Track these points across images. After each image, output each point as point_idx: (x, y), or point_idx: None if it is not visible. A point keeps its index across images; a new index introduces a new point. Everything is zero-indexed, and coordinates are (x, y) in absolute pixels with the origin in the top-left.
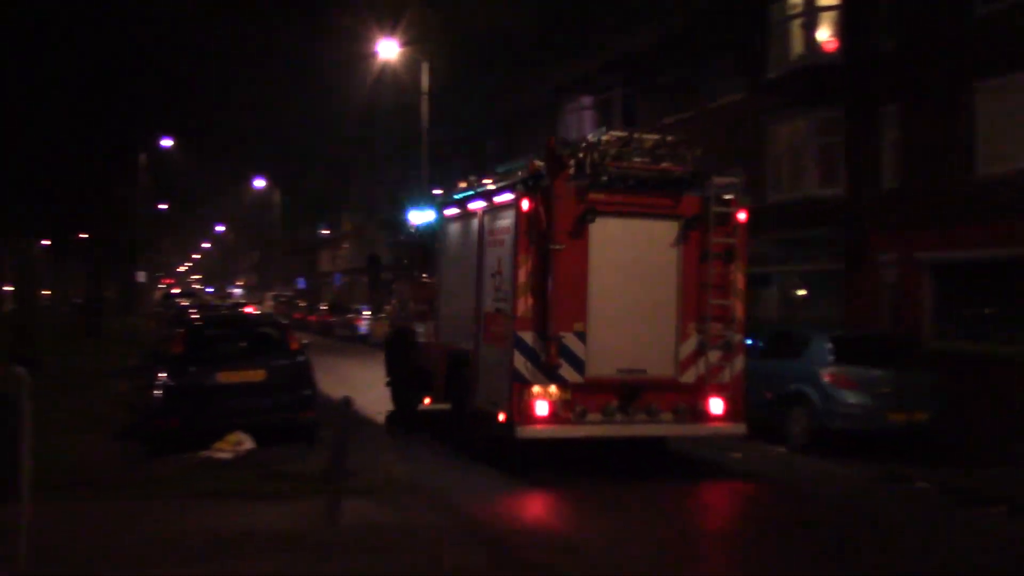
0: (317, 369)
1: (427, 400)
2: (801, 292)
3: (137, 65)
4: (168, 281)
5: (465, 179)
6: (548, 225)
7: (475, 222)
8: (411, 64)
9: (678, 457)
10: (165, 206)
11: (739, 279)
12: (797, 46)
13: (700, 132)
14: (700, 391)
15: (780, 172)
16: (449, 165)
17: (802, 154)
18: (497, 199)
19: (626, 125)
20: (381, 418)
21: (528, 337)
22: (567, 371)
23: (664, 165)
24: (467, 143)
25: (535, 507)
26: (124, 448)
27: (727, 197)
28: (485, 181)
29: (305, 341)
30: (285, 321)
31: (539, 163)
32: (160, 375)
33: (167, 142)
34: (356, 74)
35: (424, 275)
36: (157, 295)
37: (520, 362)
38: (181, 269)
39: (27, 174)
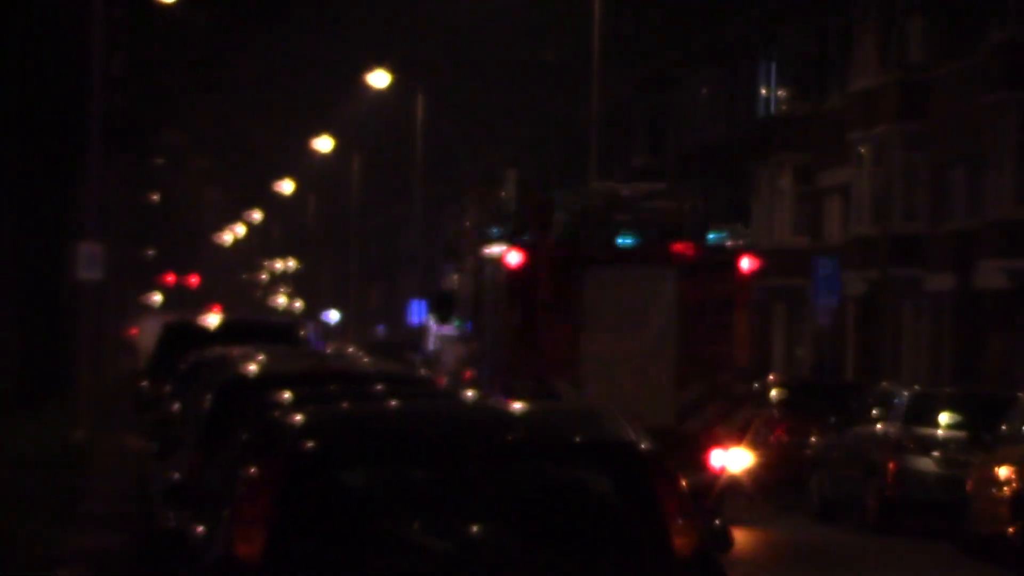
0: None
1: None
2: None
3: None
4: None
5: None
6: (539, 277)
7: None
8: None
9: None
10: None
11: (741, 326)
12: None
13: None
14: (701, 442)
15: None
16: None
17: None
18: (488, 252)
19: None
20: None
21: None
22: None
23: (658, 203)
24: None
25: None
26: None
27: (728, 244)
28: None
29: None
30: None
31: (531, 217)
32: None
33: None
34: None
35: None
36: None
37: None
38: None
39: None
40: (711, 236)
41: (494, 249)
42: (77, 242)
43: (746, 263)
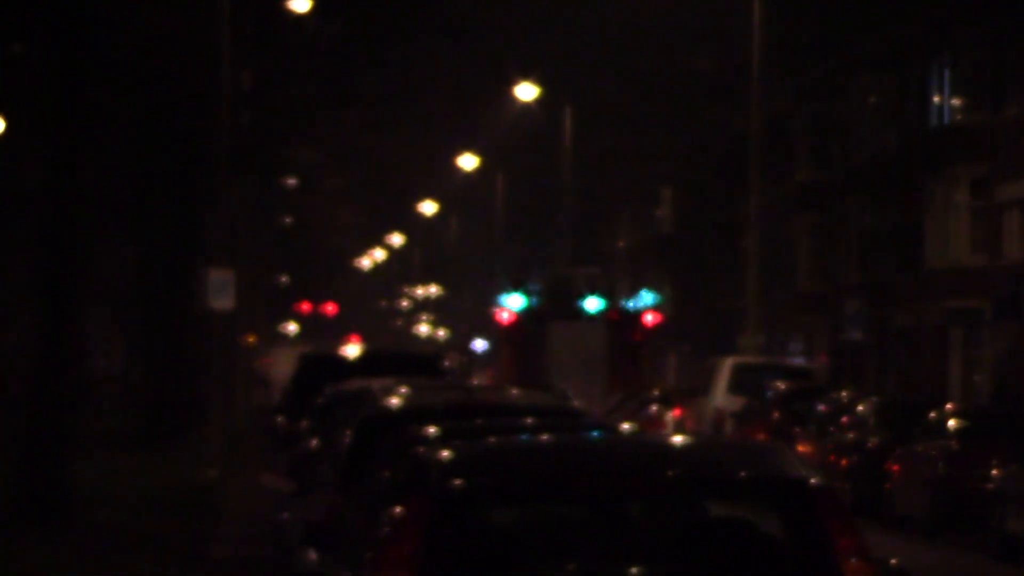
0: None
1: None
2: None
3: None
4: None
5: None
6: (523, 327)
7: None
8: None
9: None
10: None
11: (645, 357)
12: None
13: None
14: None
15: None
16: None
17: None
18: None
19: None
20: None
21: None
22: None
23: (597, 281)
24: None
25: None
26: None
27: (634, 307)
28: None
29: None
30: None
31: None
32: None
33: None
34: None
35: None
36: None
37: None
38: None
39: None
40: (629, 303)
41: (495, 309)
42: (206, 268)
43: (649, 318)
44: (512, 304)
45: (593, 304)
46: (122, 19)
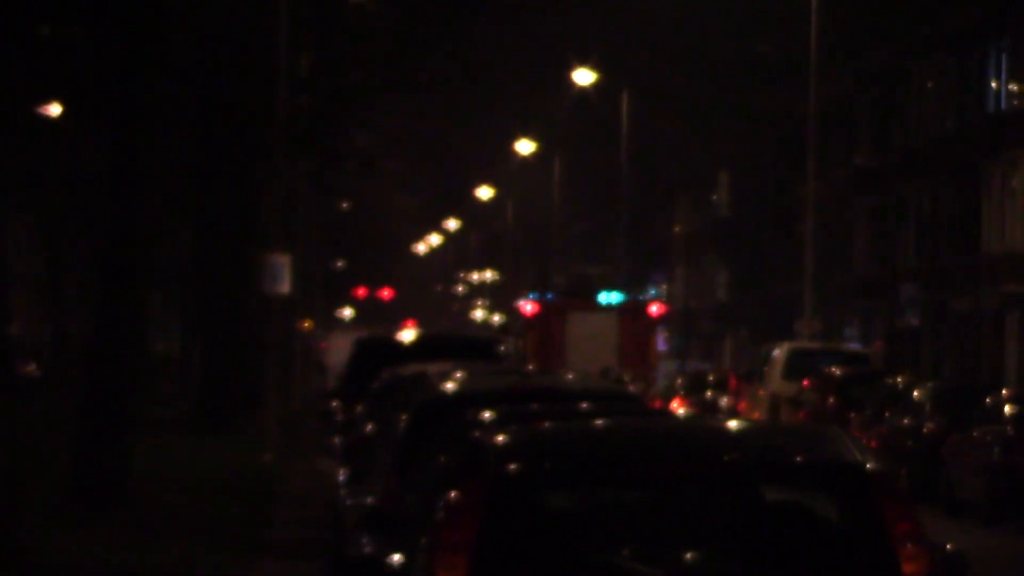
0: None
1: None
2: None
3: None
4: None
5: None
6: (545, 317)
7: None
8: None
9: None
10: None
11: (651, 342)
12: None
13: None
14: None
15: None
16: None
17: None
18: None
19: None
20: None
21: None
22: None
23: (608, 277)
24: None
25: None
26: None
27: (642, 299)
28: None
29: None
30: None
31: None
32: None
33: None
34: None
35: None
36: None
37: None
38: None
39: None
40: (638, 296)
41: (520, 302)
42: (263, 253)
43: (654, 309)
44: (537, 298)
45: (606, 298)
46: (182, 4)
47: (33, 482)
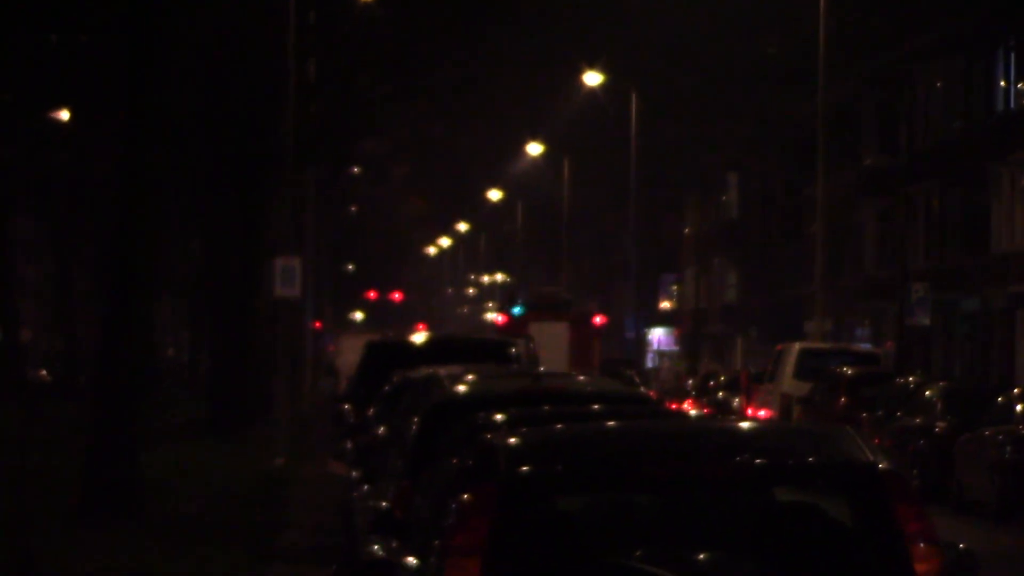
0: None
1: None
2: None
3: None
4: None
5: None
6: (511, 327)
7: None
8: None
9: None
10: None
11: (596, 347)
12: None
13: None
14: None
15: None
16: None
17: None
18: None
19: None
20: None
21: None
22: None
23: (560, 295)
24: None
25: None
26: None
27: (584, 311)
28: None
29: None
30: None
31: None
32: None
33: None
34: None
35: None
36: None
37: None
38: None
39: None
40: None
41: (491, 315)
42: (273, 257)
43: (597, 320)
44: (507, 311)
45: (560, 310)
46: (190, 10)
47: (44, 488)
